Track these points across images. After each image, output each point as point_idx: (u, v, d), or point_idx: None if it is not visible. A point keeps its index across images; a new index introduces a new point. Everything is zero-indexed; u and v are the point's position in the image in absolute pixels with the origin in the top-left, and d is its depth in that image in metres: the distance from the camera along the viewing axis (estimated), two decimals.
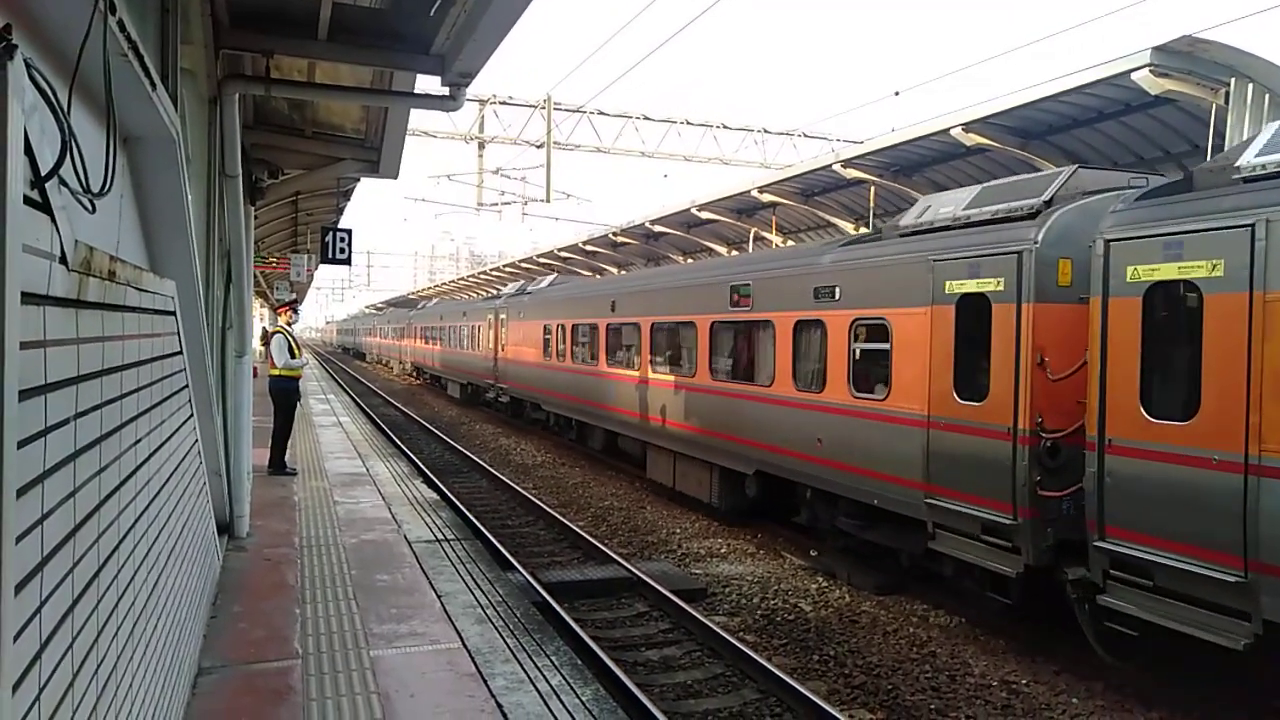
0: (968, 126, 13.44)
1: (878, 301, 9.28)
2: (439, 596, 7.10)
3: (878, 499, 9.16)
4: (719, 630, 8.09)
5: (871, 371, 9.52)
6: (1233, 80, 10.31)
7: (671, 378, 14.02)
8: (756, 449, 11.44)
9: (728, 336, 12.55)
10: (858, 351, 9.67)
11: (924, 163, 16.26)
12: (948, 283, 8.30)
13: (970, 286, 8.08)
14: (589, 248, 29.76)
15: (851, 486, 9.61)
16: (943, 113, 14.14)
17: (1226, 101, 10.40)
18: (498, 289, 39.12)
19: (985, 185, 8.95)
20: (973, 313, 8.10)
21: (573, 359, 18.99)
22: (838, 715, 6.38)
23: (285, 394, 12.33)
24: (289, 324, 13.34)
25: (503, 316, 25.08)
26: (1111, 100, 12.12)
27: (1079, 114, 12.82)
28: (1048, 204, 7.81)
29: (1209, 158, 11.27)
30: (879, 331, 9.37)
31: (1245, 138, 10.10)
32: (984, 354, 7.96)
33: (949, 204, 9.01)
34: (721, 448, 12.37)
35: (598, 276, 30.09)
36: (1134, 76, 10.59)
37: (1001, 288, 7.74)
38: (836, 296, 9.90)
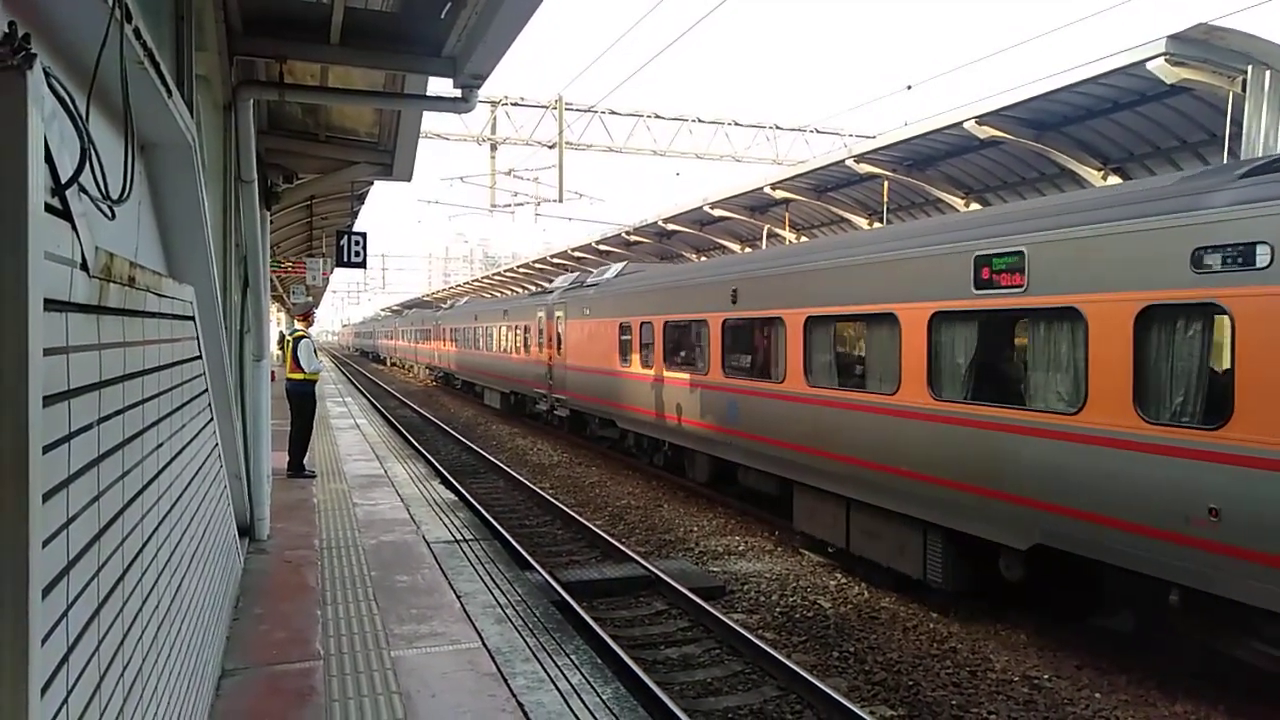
0: (981, 119, 13.37)
1: None
2: (458, 597, 7.12)
3: None
4: (738, 628, 8.08)
5: None
6: (1250, 68, 10.22)
7: (847, 395, 9.88)
8: (1038, 511, 7.34)
9: (968, 334, 8.32)
10: None
11: (937, 156, 16.19)
12: None
13: None
14: (602, 247, 29.79)
15: None
16: (956, 106, 14.05)
17: (1244, 89, 10.31)
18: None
19: None
20: None
21: (667, 366, 14.81)
22: (859, 712, 6.37)
23: (304, 397, 12.42)
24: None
25: (558, 314, 21.17)
26: (1127, 90, 12.04)
27: (1094, 104, 12.73)
28: None
29: (1226, 147, 11.19)
30: None
31: (1263, 126, 10.03)
32: None
33: None
34: (954, 502, 8.23)
35: (699, 259, 25.75)
36: (1149, 66, 10.51)
37: None
38: (1260, 262, 5.87)
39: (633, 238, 27.35)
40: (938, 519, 8.50)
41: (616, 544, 11.10)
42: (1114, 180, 13.37)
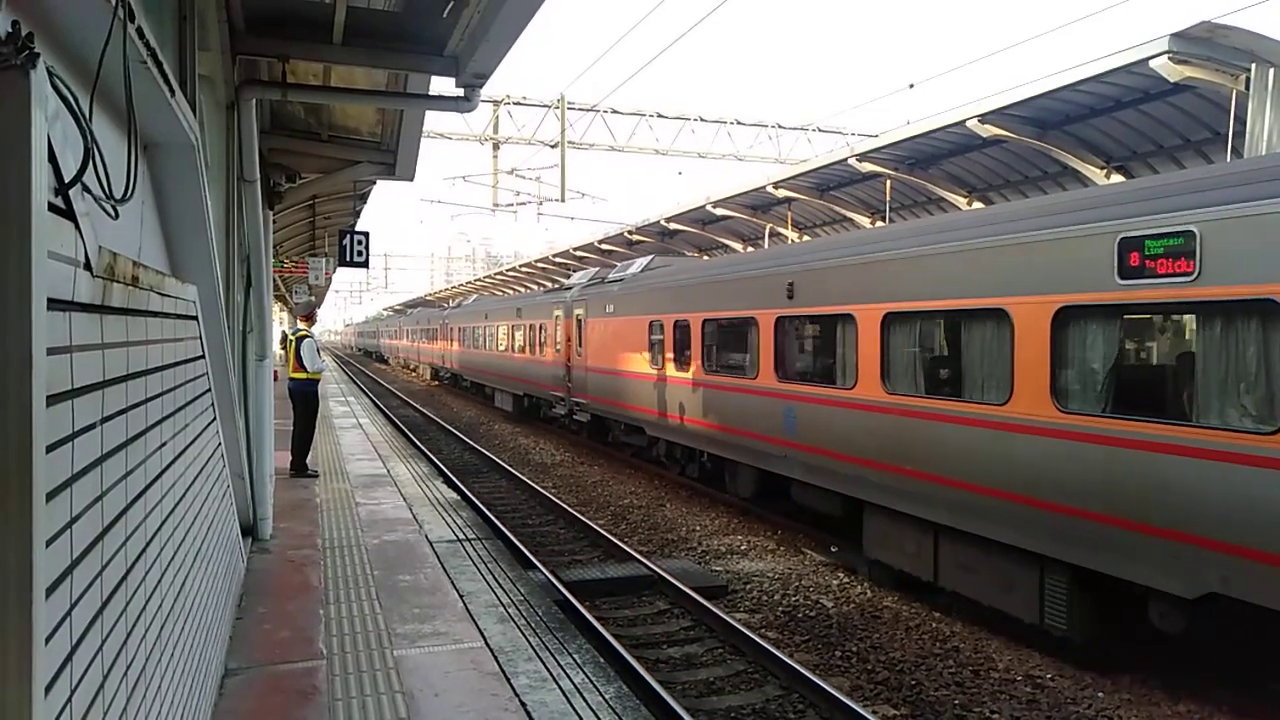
0: (984, 118, 13.35)
1: None
2: (461, 596, 7.13)
3: None
4: (741, 627, 8.09)
5: None
6: (1253, 66, 10.20)
7: (938, 404, 8.39)
8: (1215, 553, 5.94)
9: (1108, 332, 6.85)
10: None
11: (940, 155, 16.17)
12: None
13: None
14: (605, 246, 29.82)
15: None
16: (958, 104, 14.03)
17: (1247, 87, 10.29)
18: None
19: None
20: None
21: (706, 369, 13.35)
22: (861, 711, 6.36)
23: (307, 397, 12.42)
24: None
25: (578, 312, 19.88)
26: (1130, 88, 12.02)
27: (1097, 103, 12.72)
28: None
29: (1230, 146, 11.18)
30: None
31: (1266, 124, 10.01)
32: None
33: None
34: (1086, 536, 6.84)
35: (744, 249, 23.85)
36: (1152, 64, 10.50)
37: None
38: None
39: (635, 237, 27.36)
40: (1062, 554, 7.10)
41: (619, 543, 11.10)
42: (1117, 178, 13.35)
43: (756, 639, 7.78)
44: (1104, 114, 12.89)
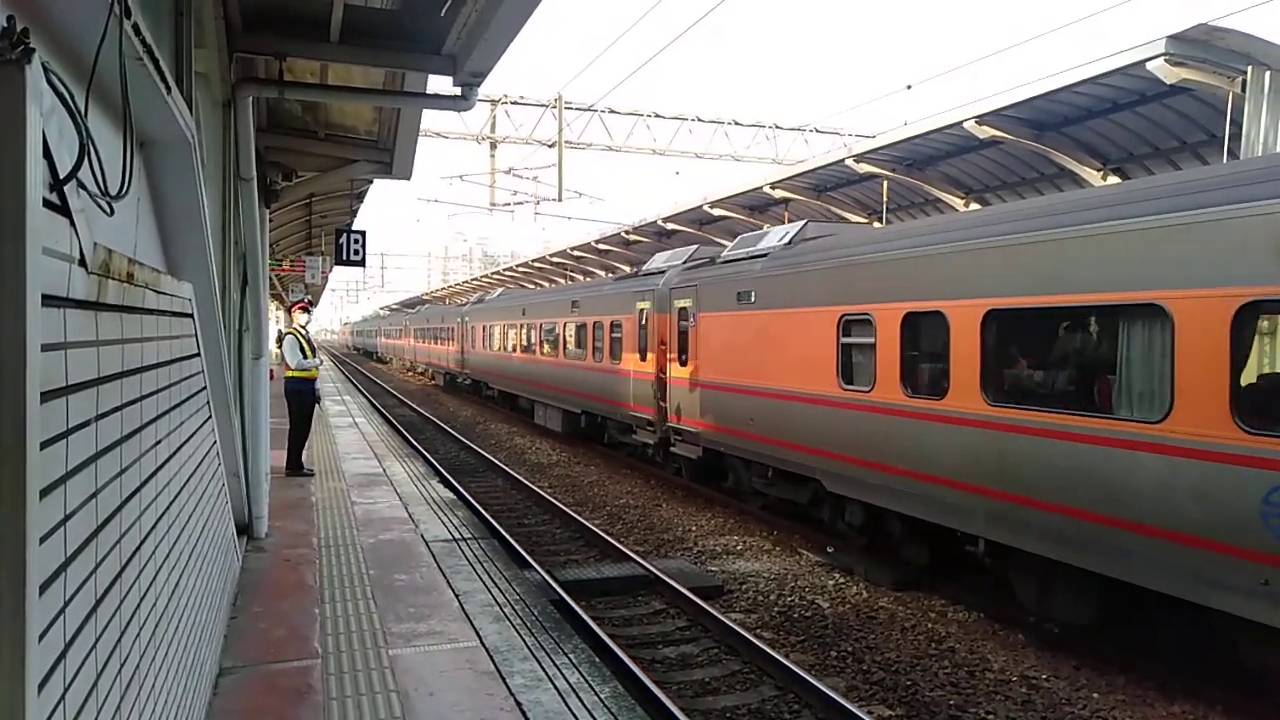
0: (981, 119, 13.37)
1: None
2: (457, 595, 7.12)
3: None
4: (736, 627, 8.08)
5: None
6: (1249, 68, 10.23)
7: None
8: None
9: None
10: None
11: (937, 156, 16.19)
12: None
13: None
14: (602, 246, 29.83)
15: None
16: (956, 105, 14.06)
17: (1243, 90, 10.31)
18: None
19: None
20: None
21: (991, 397, 7.92)
22: (856, 711, 6.36)
23: (300, 395, 12.39)
24: (304, 325, 13.37)
25: (681, 304, 14.64)
26: (1126, 90, 12.05)
27: (1094, 105, 12.74)
28: None
29: (1226, 148, 11.20)
30: None
31: (1262, 127, 10.04)
32: None
33: None
34: None
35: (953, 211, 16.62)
36: (1149, 66, 10.52)
37: None
38: None
39: (632, 237, 27.37)
40: None
41: (615, 543, 11.09)
42: (1114, 180, 13.37)
43: (752, 639, 7.78)
44: (1101, 116, 12.92)
